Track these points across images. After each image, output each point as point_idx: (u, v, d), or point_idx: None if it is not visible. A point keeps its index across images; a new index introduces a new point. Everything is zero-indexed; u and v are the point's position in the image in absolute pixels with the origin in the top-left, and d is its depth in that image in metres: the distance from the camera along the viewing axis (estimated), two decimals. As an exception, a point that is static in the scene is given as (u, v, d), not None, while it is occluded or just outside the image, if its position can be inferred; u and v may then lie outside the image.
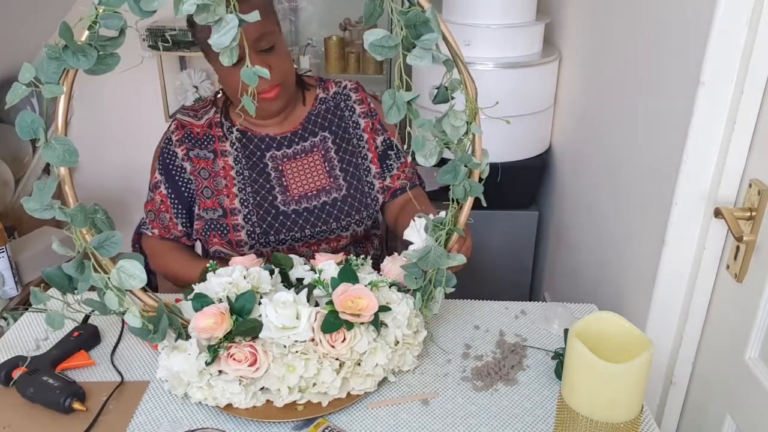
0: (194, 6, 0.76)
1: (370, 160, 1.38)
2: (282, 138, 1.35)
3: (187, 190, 1.33)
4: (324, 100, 1.39)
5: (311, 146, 1.36)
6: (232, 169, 1.32)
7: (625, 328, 0.87)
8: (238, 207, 1.31)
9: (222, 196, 1.31)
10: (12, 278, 2.08)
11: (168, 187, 1.33)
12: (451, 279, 1.09)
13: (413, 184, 1.43)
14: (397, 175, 1.40)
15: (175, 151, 1.33)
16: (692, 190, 1.11)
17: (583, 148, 1.77)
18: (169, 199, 1.34)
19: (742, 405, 1.06)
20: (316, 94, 1.39)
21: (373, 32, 0.86)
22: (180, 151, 1.32)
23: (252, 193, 1.32)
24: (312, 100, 1.38)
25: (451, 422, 1.00)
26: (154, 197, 1.35)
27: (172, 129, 1.35)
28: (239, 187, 1.32)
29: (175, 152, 1.33)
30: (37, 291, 0.95)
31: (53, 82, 0.83)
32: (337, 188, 1.35)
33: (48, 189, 0.87)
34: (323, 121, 1.38)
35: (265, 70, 0.84)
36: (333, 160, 1.36)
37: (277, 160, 1.34)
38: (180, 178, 1.33)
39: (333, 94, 1.40)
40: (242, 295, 1.02)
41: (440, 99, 0.99)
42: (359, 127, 1.39)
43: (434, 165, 1.01)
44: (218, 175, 1.32)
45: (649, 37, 1.28)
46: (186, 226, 1.35)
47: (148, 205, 1.36)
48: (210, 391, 0.98)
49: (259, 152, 1.34)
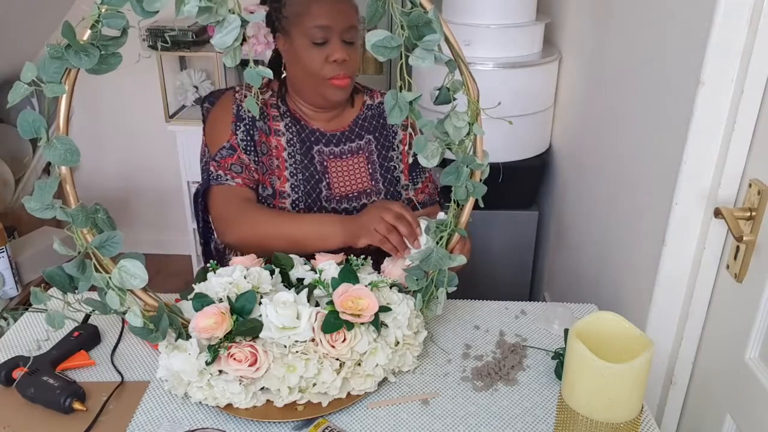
0: (196, 6, 0.76)
1: (401, 171, 1.41)
2: (331, 135, 1.37)
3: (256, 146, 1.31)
4: (370, 106, 1.42)
5: (357, 148, 1.38)
6: (285, 150, 1.33)
7: (625, 328, 0.87)
8: (288, 191, 1.31)
9: (274, 177, 1.32)
10: (12, 278, 2.08)
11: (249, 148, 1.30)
12: (453, 278, 1.09)
13: (433, 200, 1.46)
14: (421, 188, 1.45)
15: (250, 116, 1.31)
16: (692, 190, 1.11)
17: (583, 148, 1.77)
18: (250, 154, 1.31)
19: (742, 405, 1.06)
20: (364, 99, 1.42)
21: (375, 33, 0.86)
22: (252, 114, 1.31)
23: (303, 180, 1.32)
24: (360, 105, 1.41)
25: (451, 422, 1.00)
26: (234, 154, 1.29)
27: (238, 98, 1.32)
28: (291, 171, 1.32)
29: (250, 116, 1.31)
30: (38, 291, 0.95)
31: (55, 81, 0.83)
32: (376, 192, 1.38)
33: (49, 188, 0.87)
34: (369, 125, 1.40)
35: (268, 70, 0.85)
36: (375, 164, 1.39)
37: (323, 155, 1.35)
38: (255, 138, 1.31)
39: (378, 102, 1.43)
40: (243, 295, 1.02)
41: (442, 100, 0.99)
42: (397, 138, 1.42)
43: (436, 165, 1.01)
44: (272, 153, 1.32)
45: (649, 37, 1.28)
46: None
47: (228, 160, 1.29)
48: (210, 391, 0.98)
49: (309, 143, 1.35)
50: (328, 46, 1.23)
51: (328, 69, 1.24)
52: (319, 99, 1.31)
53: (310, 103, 1.34)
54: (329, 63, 1.23)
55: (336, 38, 1.22)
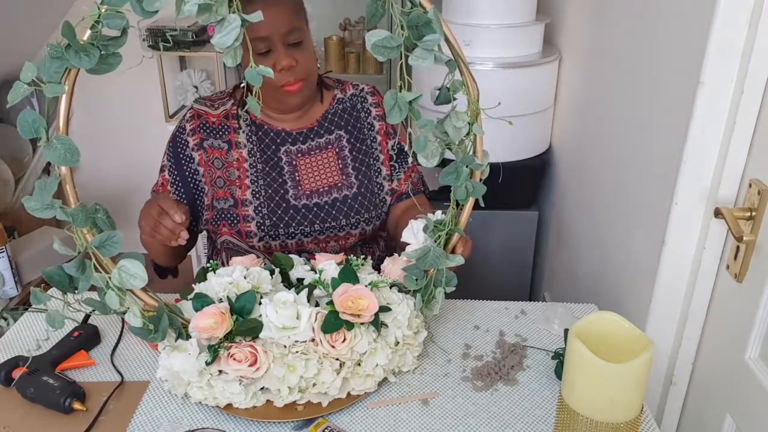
0: (196, 6, 0.77)
1: (381, 162, 1.40)
2: (298, 133, 1.36)
3: (192, 181, 1.33)
4: (341, 100, 1.41)
5: (326, 143, 1.37)
6: (246, 161, 1.33)
7: (625, 328, 0.87)
8: (250, 198, 1.31)
9: (234, 187, 1.32)
10: (12, 278, 2.08)
11: (174, 172, 1.34)
12: (452, 279, 1.09)
13: (418, 190, 1.45)
14: (404, 178, 1.43)
15: (186, 140, 1.33)
16: (692, 190, 1.11)
17: (583, 148, 1.77)
18: (170, 185, 1.34)
19: (742, 405, 1.06)
20: (334, 94, 1.41)
21: (375, 33, 0.86)
22: (192, 140, 1.33)
23: (264, 185, 1.32)
24: (330, 100, 1.40)
25: (451, 422, 1.00)
26: (158, 179, 1.36)
27: (187, 117, 1.35)
28: (252, 179, 1.32)
29: (186, 141, 1.33)
30: (38, 291, 0.95)
31: (55, 81, 0.83)
32: (348, 186, 1.36)
33: (49, 188, 0.87)
34: (339, 120, 1.39)
35: (269, 70, 0.84)
36: (347, 158, 1.38)
37: (291, 155, 1.35)
38: (188, 167, 1.33)
39: (350, 95, 1.42)
40: (242, 295, 1.02)
41: (442, 100, 0.99)
42: (374, 129, 1.40)
43: (436, 166, 1.01)
44: (231, 165, 1.32)
45: (649, 37, 1.28)
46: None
47: (154, 187, 1.37)
48: (210, 391, 0.98)
49: (274, 146, 1.35)
50: (272, 55, 1.21)
51: (277, 77, 1.22)
52: (278, 105, 1.31)
53: (272, 110, 1.33)
54: (277, 72, 1.22)
55: (279, 45, 1.21)
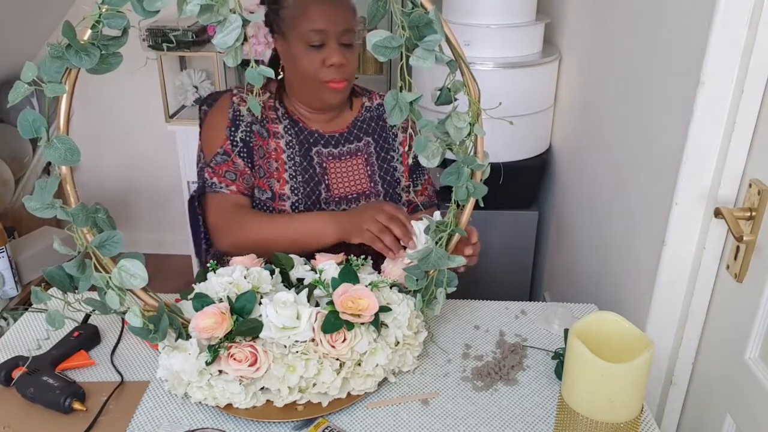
0: (198, 6, 0.77)
1: (401, 173, 1.41)
2: (330, 136, 1.36)
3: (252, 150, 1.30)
4: (369, 108, 1.42)
5: (356, 149, 1.38)
6: (284, 152, 1.32)
7: (625, 328, 0.87)
8: (288, 193, 1.31)
9: (272, 180, 1.31)
10: (12, 278, 2.08)
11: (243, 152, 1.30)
12: (453, 279, 1.09)
13: (432, 203, 1.47)
14: (421, 191, 1.45)
15: (246, 120, 1.30)
16: (692, 190, 1.11)
17: (583, 148, 1.77)
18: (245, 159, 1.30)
19: (742, 405, 1.06)
20: (362, 101, 1.42)
21: (376, 33, 0.86)
22: (249, 118, 1.31)
23: (302, 182, 1.32)
24: (359, 107, 1.41)
25: (451, 422, 1.00)
26: (229, 160, 1.29)
27: (236, 101, 1.31)
28: (290, 174, 1.32)
29: (246, 121, 1.30)
30: (38, 290, 0.95)
31: (56, 81, 0.83)
32: (375, 194, 1.38)
33: (50, 188, 0.87)
34: (368, 127, 1.40)
35: (270, 70, 0.84)
36: (374, 166, 1.39)
37: (322, 156, 1.35)
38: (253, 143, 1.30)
39: (377, 105, 1.43)
40: (243, 295, 1.02)
41: (443, 100, 0.99)
42: (397, 140, 1.42)
43: (436, 166, 1.01)
44: (270, 156, 1.32)
45: (649, 37, 1.28)
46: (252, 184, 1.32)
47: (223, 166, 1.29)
48: (210, 391, 0.98)
49: (307, 144, 1.35)
50: (324, 50, 1.22)
51: (324, 72, 1.23)
52: (316, 101, 1.31)
53: (307, 105, 1.33)
54: (326, 66, 1.23)
55: (333, 41, 1.22)
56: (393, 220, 1.13)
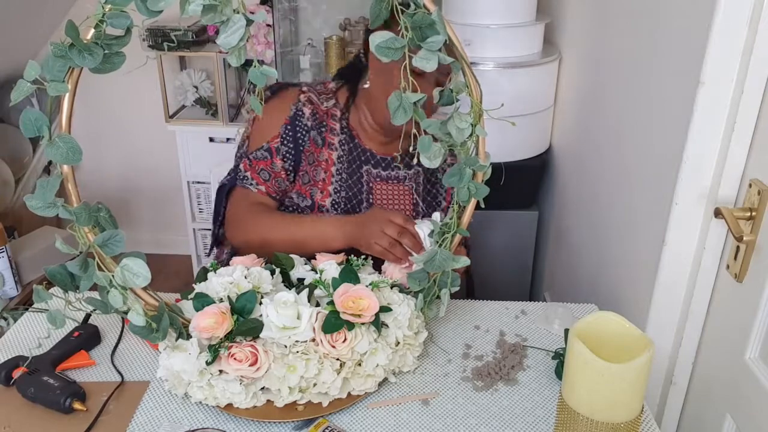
0: (200, 6, 0.77)
1: (442, 208, 1.41)
2: (381, 158, 1.35)
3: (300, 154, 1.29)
4: None
5: (404, 176, 1.37)
6: (334, 165, 1.31)
7: (625, 328, 0.87)
8: (328, 206, 1.30)
9: (315, 189, 1.29)
10: (12, 278, 2.08)
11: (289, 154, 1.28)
12: (456, 279, 1.09)
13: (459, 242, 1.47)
14: None
15: (306, 123, 1.29)
16: (692, 190, 1.11)
17: (583, 148, 1.77)
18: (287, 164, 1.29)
19: (742, 405, 1.06)
20: None
21: (379, 34, 0.86)
22: (309, 124, 1.29)
23: (345, 198, 1.31)
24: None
25: (452, 422, 1.00)
26: (269, 158, 1.28)
27: (302, 100, 1.30)
28: (335, 188, 1.30)
29: (306, 125, 1.29)
30: (40, 289, 0.95)
31: (58, 80, 0.83)
32: None
33: (51, 187, 0.88)
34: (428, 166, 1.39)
35: (272, 70, 0.84)
36: (419, 195, 1.38)
37: (371, 176, 1.35)
38: (303, 149, 1.29)
39: None
40: (243, 295, 1.02)
41: (445, 101, 0.99)
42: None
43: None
44: (320, 165, 1.30)
45: (649, 37, 1.28)
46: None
47: (260, 163, 1.29)
48: (210, 390, 0.98)
49: (359, 161, 1.34)
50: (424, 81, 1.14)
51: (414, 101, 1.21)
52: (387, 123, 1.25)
53: (378, 123, 1.30)
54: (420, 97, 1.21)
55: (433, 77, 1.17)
56: (403, 233, 1.12)
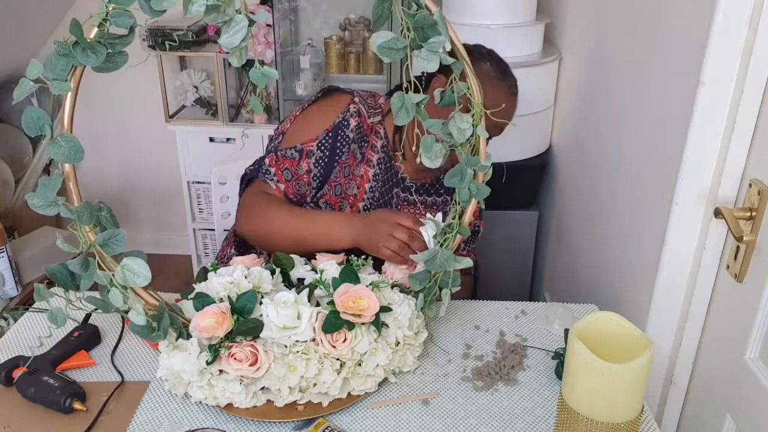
0: (204, 6, 0.77)
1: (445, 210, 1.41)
2: (411, 183, 1.36)
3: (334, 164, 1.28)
4: None
5: (432, 203, 1.38)
6: (368, 182, 1.30)
7: (625, 328, 0.87)
8: None
9: (346, 203, 1.29)
10: (12, 278, 2.08)
11: (322, 162, 1.27)
12: (456, 279, 1.09)
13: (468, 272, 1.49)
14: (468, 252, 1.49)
15: (348, 135, 1.28)
16: (692, 190, 1.11)
17: (583, 148, 1.77)
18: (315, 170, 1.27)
19: (742, 405, 1.06)
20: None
21: (381, 34, 0.86)
22: (352, 134, 1.28)
23: None
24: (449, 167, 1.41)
25: (452, 422, 1.00)
26: (297, 159, 1.27)
27: (351, 111, 1.29)
28: (365, 205, 1.30)
29: (348, 136, 1.28)
30: (41, 287, 0.95)
31: (61, 78, 0.83)
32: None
33: (53, 185, 0.88)
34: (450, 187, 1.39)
35: (273, 71, 0.84)
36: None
37: (400, 199, 1.36)
38: (338, 161, 1.28)
39: None
40: (243, 295, 1.02)
41: (446, 102, 0.99)
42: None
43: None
44: (354, 179, 1.29)
45: (649, 37, 1.28)
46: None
47: (287, 162, 1.27)
48: (210, 390, 0.98)
49: (391, 183, 1.35)
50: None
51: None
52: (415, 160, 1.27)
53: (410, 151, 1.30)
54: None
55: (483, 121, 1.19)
56: (413, 237, 1.12)
